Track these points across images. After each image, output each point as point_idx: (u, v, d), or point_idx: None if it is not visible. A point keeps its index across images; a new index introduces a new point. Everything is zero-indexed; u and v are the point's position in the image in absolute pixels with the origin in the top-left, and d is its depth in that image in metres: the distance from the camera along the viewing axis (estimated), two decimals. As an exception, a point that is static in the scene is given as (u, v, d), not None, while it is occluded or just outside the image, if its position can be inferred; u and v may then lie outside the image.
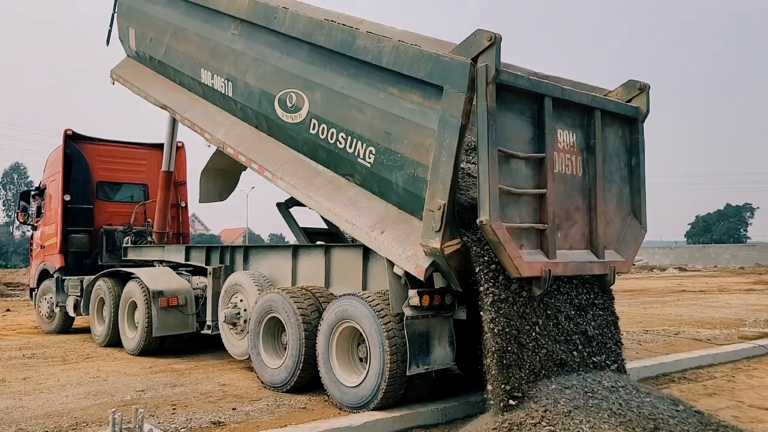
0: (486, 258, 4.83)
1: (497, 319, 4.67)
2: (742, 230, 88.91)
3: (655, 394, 4.86)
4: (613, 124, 5.82)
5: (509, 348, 4.66)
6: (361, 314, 5.47)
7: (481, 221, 4.54)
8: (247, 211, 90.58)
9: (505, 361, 4.61)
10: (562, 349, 5.07)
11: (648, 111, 6.05)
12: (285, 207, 7.94)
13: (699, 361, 7.88)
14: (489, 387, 4.64)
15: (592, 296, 5.51)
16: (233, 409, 5.63)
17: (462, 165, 5.32)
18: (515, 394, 4.57)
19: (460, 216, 4.92)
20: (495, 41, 4.55)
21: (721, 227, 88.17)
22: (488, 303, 4.70)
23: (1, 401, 6.07)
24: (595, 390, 4.67)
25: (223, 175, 9.49)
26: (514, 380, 4.61)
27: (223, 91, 7.67)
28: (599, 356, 5.36)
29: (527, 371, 4.72)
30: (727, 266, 56.63)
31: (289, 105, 6.47)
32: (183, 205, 12.34)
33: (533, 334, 4.89)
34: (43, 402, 6.02)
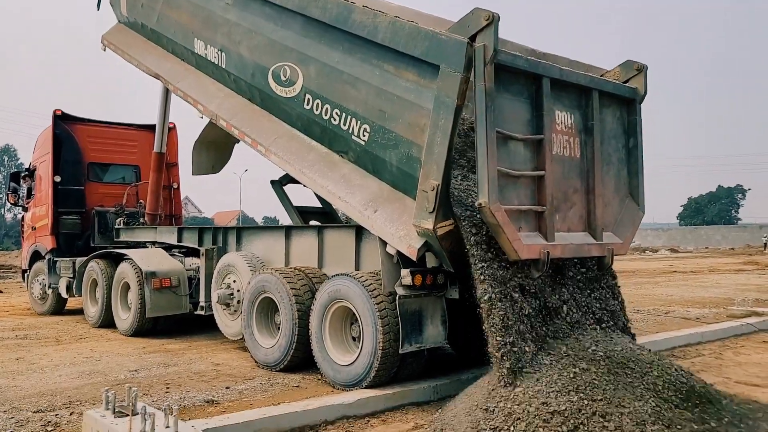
0: (479, 238, 4.82)
1: (493, 296, 4.63)
2: (733, 212, 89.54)
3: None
4: (611, 105, 5.77)
5: (508, 322, 4.62)
6: (354, 294, 5.49)
7: (480, 204, 4.50)
8: (241, 193, 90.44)
9: (504, 326, 4.55)
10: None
11: (646, 92, 5.99)
12: (279, 185, 7.81)
13: (687, 339, 7.98)
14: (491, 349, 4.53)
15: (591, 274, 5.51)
16: (226, 387, 5.68)
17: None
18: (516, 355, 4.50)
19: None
20: (493, 20, 4.47)
21: (713, 209, 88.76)
22: (482, 281, 4.66)
23: (-7, 381, 6.09)
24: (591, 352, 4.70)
25: (216, 148, 9.35)
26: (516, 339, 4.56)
27: (216, 62, 7.55)
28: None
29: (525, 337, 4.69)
30: (718, 247, 57.12)
31: (283, 78, 6.39)
32: (175, 186, 12.30)
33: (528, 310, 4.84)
34: (36, 381, 6.05)
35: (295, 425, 4.66)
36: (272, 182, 7.89)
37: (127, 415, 4.14)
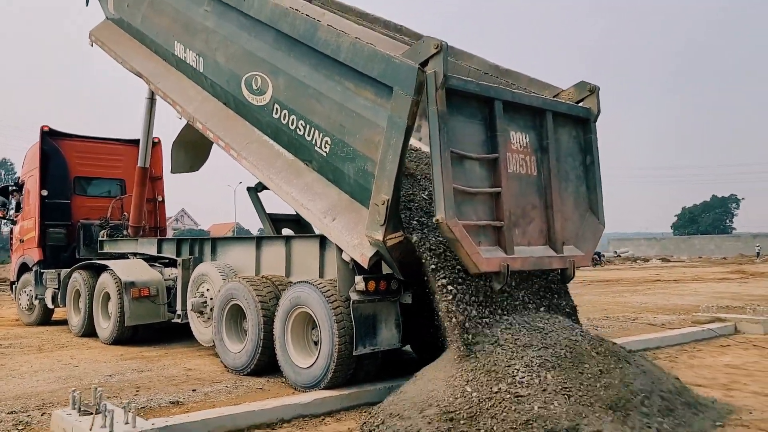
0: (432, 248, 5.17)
1: (445, 281, 5.01)
2: (727, 221, 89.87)
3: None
4: (566, 124, 6.08)
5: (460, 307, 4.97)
6: (313, 300, 5.80)
7: (437, 219, 4.79)
8: (236, 205, 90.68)
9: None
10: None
11: (599, 111, 6.28)
12: (254, 191, 7.96)
13: (646, 344, 8.26)
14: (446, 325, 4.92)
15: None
16: (193, 390, 5.97)
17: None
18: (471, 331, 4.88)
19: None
20: (441, 49, 4.79)
21: (707, 218, 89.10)
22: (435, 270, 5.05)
23: (-26, 386, 6.37)
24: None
25: (195, 147, 9.62)
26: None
27: (194, 66, 7.81)
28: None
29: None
30: (711, 257, 57.41)
31: (254, 87, 6.66)
32: (160, 199, 12.62)
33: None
34: (14, 386, 6.33)
35: (252, 423, 4.95)
36: (248, 189, 8.04)
37: (92, 413, 4.44)
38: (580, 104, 6.35)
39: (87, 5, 10.85)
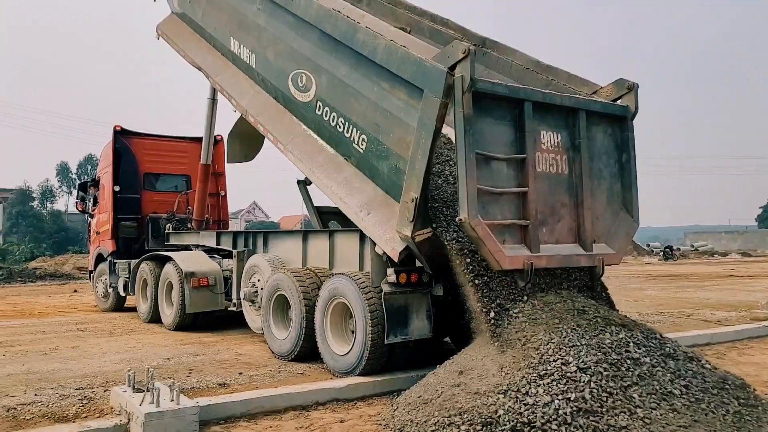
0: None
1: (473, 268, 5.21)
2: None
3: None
4: (601, 123, 6.08)
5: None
6: (349, 291, 6.11)
7: (460, 219, 4.98)
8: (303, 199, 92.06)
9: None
10: None
11: (637, 109, 6.23)
12: (303, 184, 8.24)
13: (695, 340, 8.11)
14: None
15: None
16: (240, 373, 6.41)
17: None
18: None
19: None
20: (469, 54, 4.92)
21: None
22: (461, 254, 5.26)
23: (50, 364, 7.07)
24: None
25: (249, 139, 10.07)
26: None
27: (248, 62, 8.20)
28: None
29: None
30: (798, 251, 54.14)
31: (300, 84, 6.98)
32: (222, 194, 13.30)
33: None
34: (84, 366, 6.97)
35: (289, 404, 5.33)
36: (298, 182, 8.31)
37: (143, 391, 4.92)
38: (618, 102, 6.32)
39: (155, 0, 11.45)
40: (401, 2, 8.83)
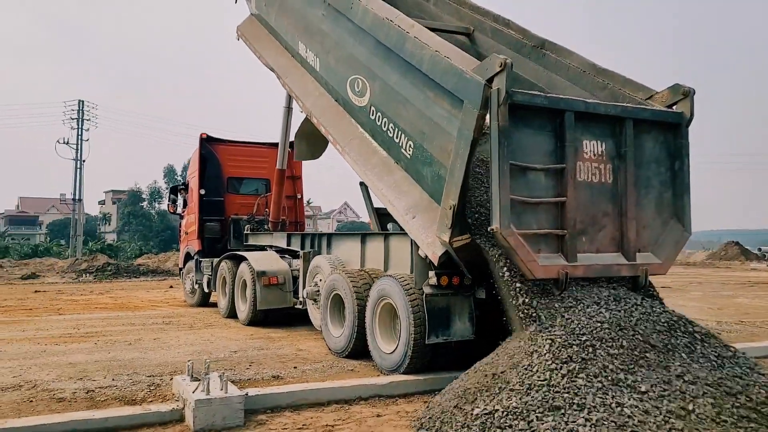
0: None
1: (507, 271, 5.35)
2: None
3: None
4: (652, 130, 5.97)
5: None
6: (394, 292, 6.35)
7: (492, 229, 5.11)
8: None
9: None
10: None
11: (692, 116, 6.07)
12: (365, 186, 8.37)
13: (767, 351, 7.71)
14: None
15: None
16: (294, 367, 6.81)
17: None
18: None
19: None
20: (505, 67, 5.02)
21: None
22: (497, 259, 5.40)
23: (132, 353, 7.79)
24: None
25: (315, 137, 10.27)
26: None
27: (313, 65, 8.60)
28: None
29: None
30: None
31: (357, 89, 7.30)
32: (299, 196, 13.93)
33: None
34: (160, 356, 7.64)
35: (332, 398, 5.64)
36: (360, 183, 8.44)
37: (199, 380, 5.40)
38: (674, 108, 6.16)
39: (236, 2, 12.07)
40: (466, 2, 8.97)
